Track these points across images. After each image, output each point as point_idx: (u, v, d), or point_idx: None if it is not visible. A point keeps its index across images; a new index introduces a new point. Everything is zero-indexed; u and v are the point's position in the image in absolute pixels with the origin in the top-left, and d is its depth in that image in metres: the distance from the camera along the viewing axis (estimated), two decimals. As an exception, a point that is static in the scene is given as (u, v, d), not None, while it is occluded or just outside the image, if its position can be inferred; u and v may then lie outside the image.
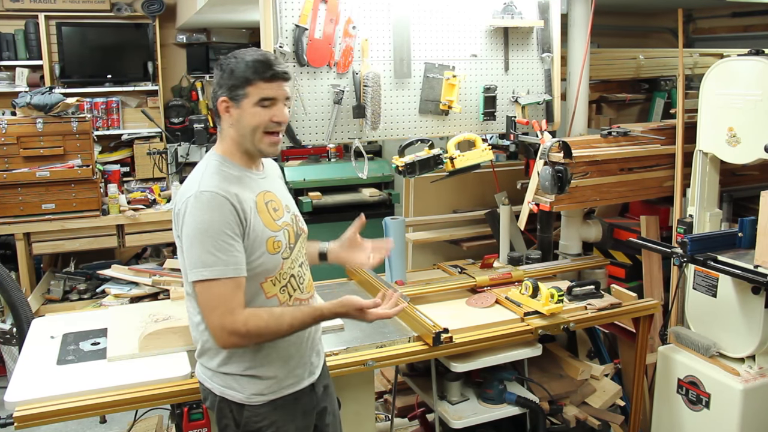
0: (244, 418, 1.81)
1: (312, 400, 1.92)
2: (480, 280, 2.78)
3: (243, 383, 1.79)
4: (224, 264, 1.65)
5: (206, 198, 1.66)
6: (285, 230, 1.82)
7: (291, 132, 2.67)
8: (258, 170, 1.85)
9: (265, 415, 1.81)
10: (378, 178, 4.75)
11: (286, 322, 1.71)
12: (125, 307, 3.08)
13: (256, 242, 1.72)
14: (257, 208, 1.75)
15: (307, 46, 2.63)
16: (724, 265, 2.47)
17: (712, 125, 2.76)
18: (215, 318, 1.66)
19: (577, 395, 2.84)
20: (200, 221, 1.65)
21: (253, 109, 1.72)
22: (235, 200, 1.69)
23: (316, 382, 1.93)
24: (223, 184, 1.70)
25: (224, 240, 1.65)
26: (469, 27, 2.95)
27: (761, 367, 2.54)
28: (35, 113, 4.13)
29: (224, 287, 1.65)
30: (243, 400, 1.80)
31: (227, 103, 1.74)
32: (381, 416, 3.16)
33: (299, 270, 1.87)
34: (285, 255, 1.80)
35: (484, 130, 3.08)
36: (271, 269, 1.77)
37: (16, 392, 1.96)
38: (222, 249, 1.64)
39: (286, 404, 1.84)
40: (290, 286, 1.83)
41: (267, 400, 1.81)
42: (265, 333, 1.70)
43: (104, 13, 5.33)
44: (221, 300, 1.65)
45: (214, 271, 1.64)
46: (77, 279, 4.34)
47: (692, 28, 4.83)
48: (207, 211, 1.66)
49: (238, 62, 1.72)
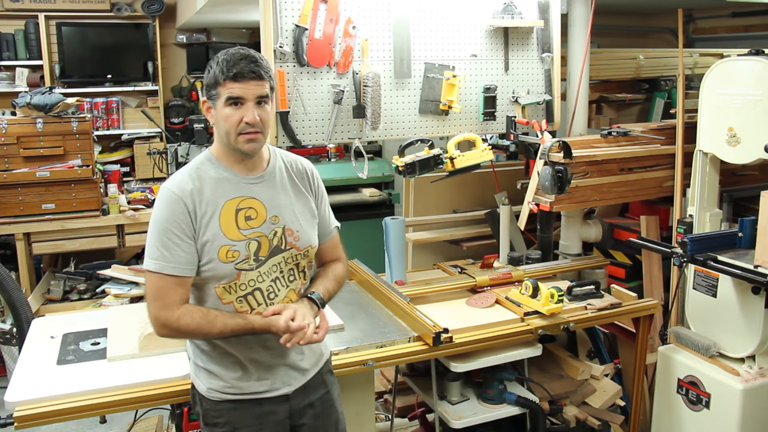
0: (203, 409, 1.84)
1: (283, 411, 1.85)
2: (480, 280, 2.78)
3: (203, 376, 1.83)
4: (165, 260, 1.68)
5: (164, 194, 1.71)
6: (252, 241, 1.75)
7: (291, 132, 2.67)
8: (251, 173, 1.79)
9: (222, 413, 1.81)
10: (378, 178, 4.76)
11: (217, 327, 1.71)
12: (125, 307, 3.08)
13: (207, 247, 1.71)
14: (221, 212, 1.72)
15: (307, 46, 2.63)
16: (724, 265, 2.47)
17: (712, 125, 2.76)
18: (153, 309, 1.71)
19: (577, 395, 2.84)
20: (155, 215, 1.71)
21: (224, 109, 1.69)
22: (189, 200, 1.70)
23: (294, 396, 1.87)
24: (184, 184, 1.71)
25: (169, 238, 1.68)
26: (469, 27, 2.95)
27: (761, 367, 2.54)
28: (35, 113, 4.14)
29: (164, 282, 1.69)
30: (203, 392, 1.83)
31: (207, 103, 1.75)
32: (381, 416, 3.16)
33: (270, 285, 1.79)
34: (245, 266, 1.74)
35: (484, 130, 3.08)
36: (221, 276, 1.73)
37: (16, 392, 1.96)
38: (166, 246, 1.68)
39: (247, 408, 1.81)
40: (252, 299, 1.78)
41: (224, 398, 1.81)
42: (195, 332, 1.72)
43: (104, 13, 5.33)
44: (160, 293, 1.69)
45: (156, 265, 1.69)
46: (77, 279, 4.34)
47: (692, 28, 4.83)
48: (161, 206, 1.71)
49: (214, 62, 1.70)
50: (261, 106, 1.71)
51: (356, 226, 4.56)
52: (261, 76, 1.69)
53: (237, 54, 1.69)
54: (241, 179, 1.78)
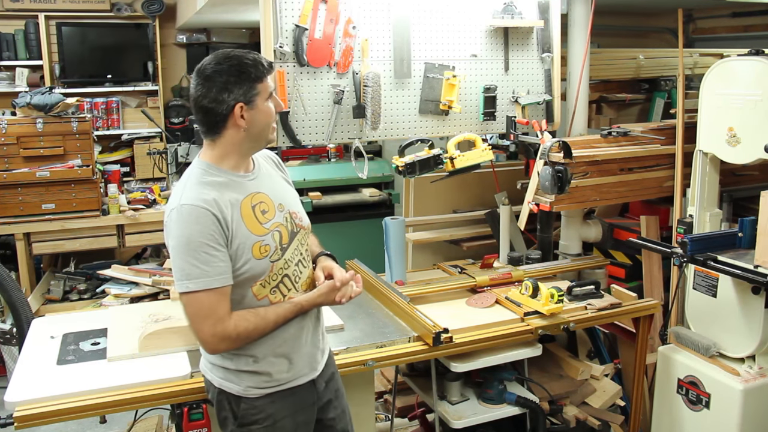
0: (241, 410, 1.83)
1: (312, 395, 1.93)
2: (480, 280, 2.78)
3: (241, 376, 1.82)
4: (207, 275, 1.66)
5: (186, 211, 1.67)
6: (275, 232, 1.80)
7: (291, 132, 2.67)
8: (247, 171, 1.83)
9: (261, 408, 1.83)
10: (378, 178, 4.75)
11: (271, 319, 1.76)
12: (125, 307, 3.08)
13: (240, 249, 1.72)
14: (242, 213, 1.74)
15: (307, 46, 2.63)
16: (724, 265, 2.47)
17: (712, 125, 2.76)
18: (206, 328, 1.68)
19: (577, 395, 2.84)
20: (182, 235, 1.66)
21: (267, 104, 1.76)
22: (216, 210, 1.68)
23: (317, 378, 1.94)
24: (204, 195, 1.69)
25: (206, 251, 1.66)
26: (469, 27, 2.95)
27: (761, 367, 2.54)
28: (35, 113, 4.13)
29: (211, 297, 1.67)
30: (240, 392, 1.82)
31: (244, 108, 1.71)
32: (381, 416, 3.17)
33: (295, 269, 1.86)
34: (275, 257, 1.79)
35: (484, 130, 3.08)
36: (259, 273, 1.77)
37: (16, 392, 1.96)
38: (205, 261, 1.66)
39: (284, 398, 1.86)
40: (283, 287, 1.84)
41: (263, 393, 1.83)
42: (254, 333, 1.75)
43: (104, 13, 5.33)
44: (210, 310, 1.68)
45: (199, 283, 1.66)
46: (77, 279, 4.34)
47: (692, 28, 4.83)
48: (188, 224, 1.66)
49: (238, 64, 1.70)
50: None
51: (356, 226, 4.57)
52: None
53: (242, 54, 1.73)
54: (243, 178, 1.80)
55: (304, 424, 1.91)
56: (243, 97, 1.70)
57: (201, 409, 2.07)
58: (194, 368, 2.05)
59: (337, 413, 2.02)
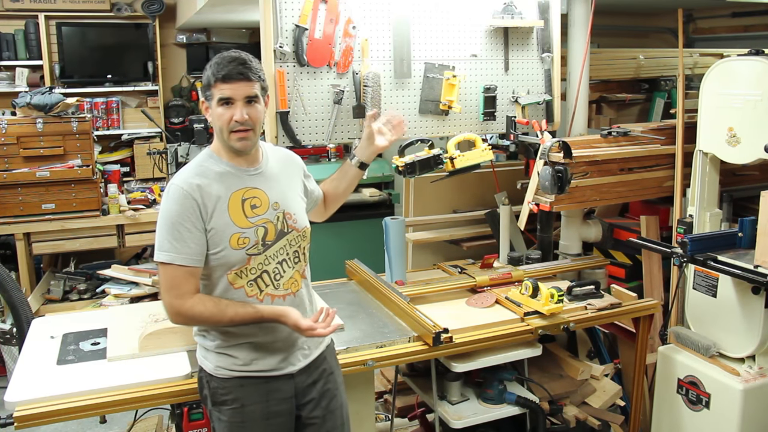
0: (211, 388, 1.90)
1: (288, 389, 1.94)
2: (480, 280, 2.78)
3: (212, 357, 1.91)
4: (176, 252, 1.78)
5: (173, 190, 1.82)
6: (260, 227, 1.88)
7: (291, 132, 2.67)
8: (251, 166, 1.91)
9: (230, 390, 1.89)
10: (378, 178, 4.75)
11: (228, 315, 1.82)
12: (125, 307, 3.08)
13: (218, 236, 1.82)
14: (229, 204, 1.84)
15: (307, 46, 2.63)
16: (724, 265, 2.47)
17: (712, 125, 2.76)
18: (168, 298, 1.81)
19: (577, 395, 2.84)
20: (165, 210, 1.81)
21: (217, 109, 1.83)
22: (197, 195, 1.80)
23: (297, 375, 1.95)
24: (191, 179, 1.82)
25: (179, 231, 1.78)
26: (469, 27, 2.95)
27: (761, 367, 2.54)
28: (35, 113, 4.13)
29: (177, 272, 1.79)
30: (211, 371, 1.90)
31: (205, 104, 1.88)
32: (381, 416, 3.17)
33: (276, 267, 1.91)
34: (253, 251, 1.86)
35: (484, 130, 3.08)
36: (234, 263, 1.85)
37: (16, 392, 1.96)
38: (177, 238, 1.78)
39: (255, 385, 1.90)
40: (261, 282, 1.89)
41: (232, 375, 1.89)
42: (208, 320, 1.84)
43: (104, 13, 5.33)
44: (174, 283, 1.80)
45: (169, 257, 1.79)
46: (77, 279, 4.34)
47: (692, 28, 4.83)
48: (171, 201, 1.81)
49: (208, 65, 1.84)
50: (251, 105, 1.84)
51: (356, 226, 4.56)
52: (249, 77, 1.82)
53: (228, 57, 1.82)
54: (243, 172, 1.90)
55: (276, 414, 1.93)
56: (203, 94, 1.87)
57: (201, 409, 2.08)
58: (194, 368, 2.05)
59: (322, 413, 2.01)
